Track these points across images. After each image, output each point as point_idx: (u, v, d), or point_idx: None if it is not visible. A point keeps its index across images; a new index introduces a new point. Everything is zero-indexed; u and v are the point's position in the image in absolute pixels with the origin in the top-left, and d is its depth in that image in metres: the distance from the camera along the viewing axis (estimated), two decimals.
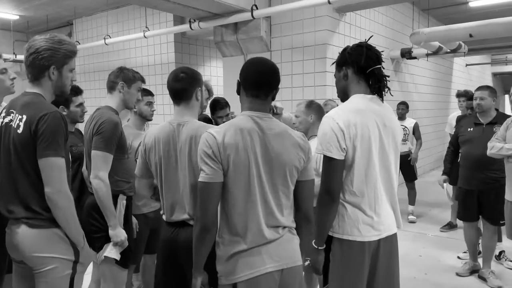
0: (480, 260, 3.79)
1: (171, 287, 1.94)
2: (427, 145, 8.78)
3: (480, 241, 3.87)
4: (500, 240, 3.97)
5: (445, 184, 3.79)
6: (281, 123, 1.68)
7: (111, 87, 2.41)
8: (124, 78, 2.39)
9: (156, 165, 1.92)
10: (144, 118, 2.79)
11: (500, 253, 4.03)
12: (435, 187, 7.43)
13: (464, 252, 4.09)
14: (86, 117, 2.56)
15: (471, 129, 3.62)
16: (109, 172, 2.21)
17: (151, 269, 2.80)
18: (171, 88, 1.93)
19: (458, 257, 4.13)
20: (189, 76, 1.92)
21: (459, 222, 4.89)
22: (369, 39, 1.90)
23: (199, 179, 1.56)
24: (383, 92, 1.83)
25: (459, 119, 4.56)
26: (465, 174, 3.59)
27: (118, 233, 2.23)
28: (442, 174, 3.91)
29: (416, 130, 5.61)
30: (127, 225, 2.34)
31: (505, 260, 3.98)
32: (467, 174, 3.60)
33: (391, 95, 1.89)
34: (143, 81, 2.51)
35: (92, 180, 2.18)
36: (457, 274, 3.72)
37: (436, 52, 6.99)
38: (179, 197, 1.88)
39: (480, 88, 3.56)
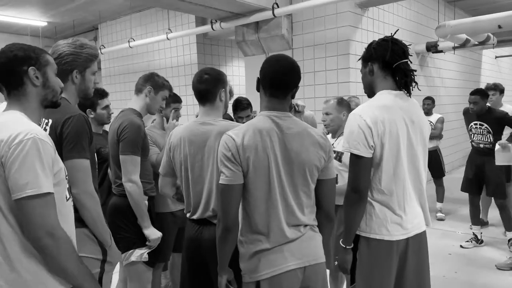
0: None
1: (196, 285, 1.96)
2: (454, 141, 8.55)
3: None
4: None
5: (498, 147, 3.80)
6: (301, 122, 1.66)
7: (139, 90, 2.45)
8: (153, 83, 2.43)
9: (180, 163, 1.94)
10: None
11: (509, 240, 4.02)
12: None
13: (467, 241, 4.22)
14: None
15: None
16: None
17: (179, 267, 2.84)
18: (195, 89, 1.95)
19: (461, 246, 4.22)
20: (213, 78, 1.93)
21: (490, 220, 4.82)
22: (395, 33, 1.86)
23: (220, 181, 1.56)
24: (411, 87, 1.79)
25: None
26: None
27: (153, 231, 2.33)
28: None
29: (438, 123, 5.39)
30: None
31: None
32: None
33: (419, 89, 1.85)
34: (170, 90, 2.56)
35: (126, 184, 2.24)
36: (497, 267, 3.67)
37: (463, 45, 6.79)
38: (204, 195, 1.89)
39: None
